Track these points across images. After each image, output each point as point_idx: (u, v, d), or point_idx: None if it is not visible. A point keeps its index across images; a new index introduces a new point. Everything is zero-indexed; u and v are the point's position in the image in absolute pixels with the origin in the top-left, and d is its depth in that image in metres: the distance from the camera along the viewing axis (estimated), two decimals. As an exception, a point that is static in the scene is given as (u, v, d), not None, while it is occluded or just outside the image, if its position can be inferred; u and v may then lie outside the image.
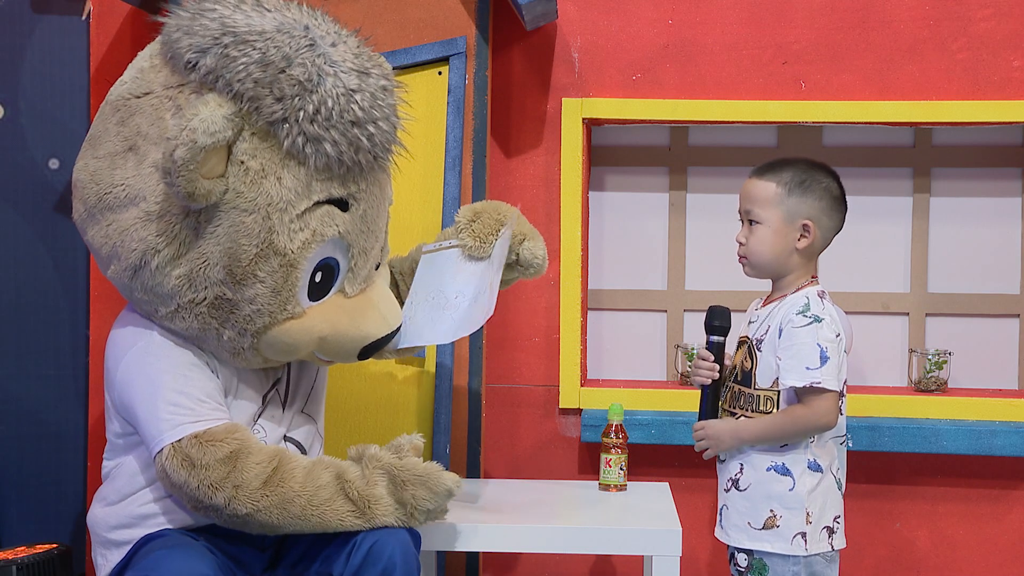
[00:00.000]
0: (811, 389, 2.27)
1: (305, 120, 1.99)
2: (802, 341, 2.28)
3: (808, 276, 2.38)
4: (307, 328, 2.11)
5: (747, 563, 2.35)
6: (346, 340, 2.14)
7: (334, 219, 2.07)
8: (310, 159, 2.01)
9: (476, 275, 2.31)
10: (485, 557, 2.89)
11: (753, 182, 2.38)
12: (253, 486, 2.01)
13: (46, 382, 2.84)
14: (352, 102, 2.02)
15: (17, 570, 2.45)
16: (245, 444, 2.04)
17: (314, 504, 2.04)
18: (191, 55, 2.00)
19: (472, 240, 2.32)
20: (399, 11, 2.78)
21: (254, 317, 2.07)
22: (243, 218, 2.01)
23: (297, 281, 2.07)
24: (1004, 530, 2.91)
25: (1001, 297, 3.05)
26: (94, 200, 2.12)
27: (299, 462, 2.06)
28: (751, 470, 2.34)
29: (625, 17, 2.94)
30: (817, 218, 2.35)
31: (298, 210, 2.03)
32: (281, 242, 2.03)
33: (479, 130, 2.78)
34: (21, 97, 2.81)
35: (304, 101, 1.98)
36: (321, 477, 2.05)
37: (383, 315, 2.18)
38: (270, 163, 2.01)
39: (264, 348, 2.11)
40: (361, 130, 2.04)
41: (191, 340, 2.13)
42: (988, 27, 2.87)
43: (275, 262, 2.04)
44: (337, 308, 2.14)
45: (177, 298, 2.07)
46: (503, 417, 2.98)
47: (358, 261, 2.14)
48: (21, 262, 2.82)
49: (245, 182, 2.00)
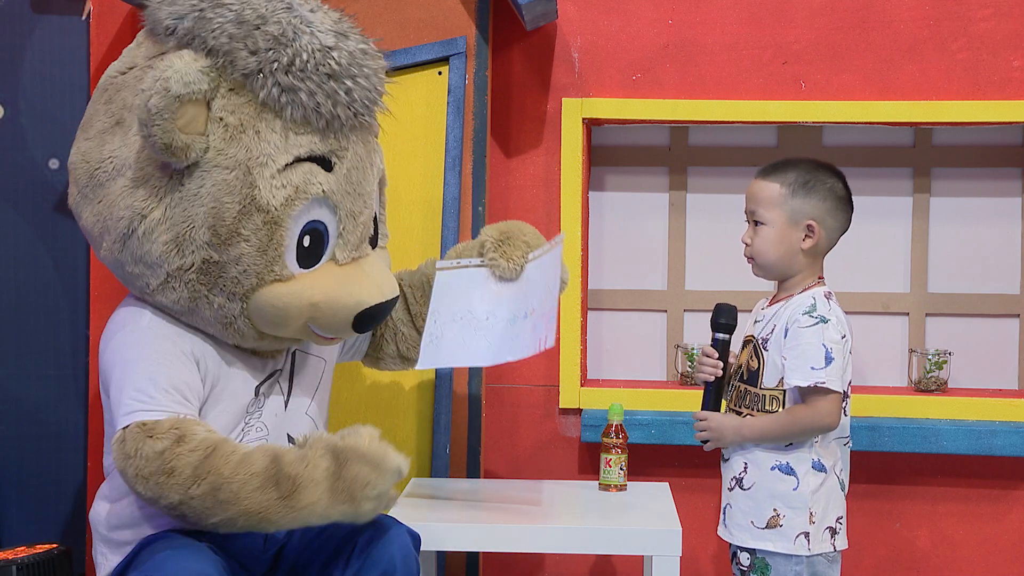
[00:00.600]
0: (815, 389, 2.27)
1: (280, 71, 2.01)
2: (807, 341, 2.28)
3: (815, 277, 2.39)
4: (296, 292, 2.08)
5: (749, 562, 2.35)
6: (339, 307, 2.11)
7: (316, 177, 2.07)
8: (286, 109, 2.03)
9: (508, 297, 2.30)
10: (485, 557, 2.89)
11: (758, 183, 2.39)
12: (185, 474, 1.94)
13: (46, 382, 2.84)
14: (328, 57, 2.04)
15: (17, 570, 2.45)
16: (185, 434, 1.97)
17: (245, 491, 1.93)
18: (170, 21, 2.05)
19: (504, 261, 2.31)
20: (399, 11, 2.78)
21: (241, 279, 2.06)
22: (224, 175, 2.02)
23: (283, 240, 2.06)
24: (1004, 530, 2.91)
25: (1001, 297, 3.05)
26: (85, 179, 2.14)
27: (237, 449, 1.98)
28: (755, 469, 2.34)
29: (625, 17, 2.94)
30: (821, 219, 2.35)
31: (278, 165, 2.04)
32: (263, 198, 2.03)
33: (479, 130, 2.78)
34: (21, 97, 2.81)
35: (278, 53, 2.01)
36: (256, 463, 1.95)
37: (377, 284, 2.15)
38: (247, 117, 2.03)
39: (255, 316, 2.09)
40: (338, 83, 2.05)
41: (184, 315, 2.12)
42: (988, 27, 2.87)
43: (258, 219, 2.03)
44: (328, 275, 2.12)
45: (165, 265, 2.06)
46: (503, 417, 2.98)
47: (346, 225, 2.12)
48: (21, 262, 2.82)
49: (224, 138, 2.02)
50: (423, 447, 2.74)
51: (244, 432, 2.17)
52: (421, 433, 2.74)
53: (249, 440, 2.17)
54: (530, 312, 2.25)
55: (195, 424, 2.01)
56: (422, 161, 2.77)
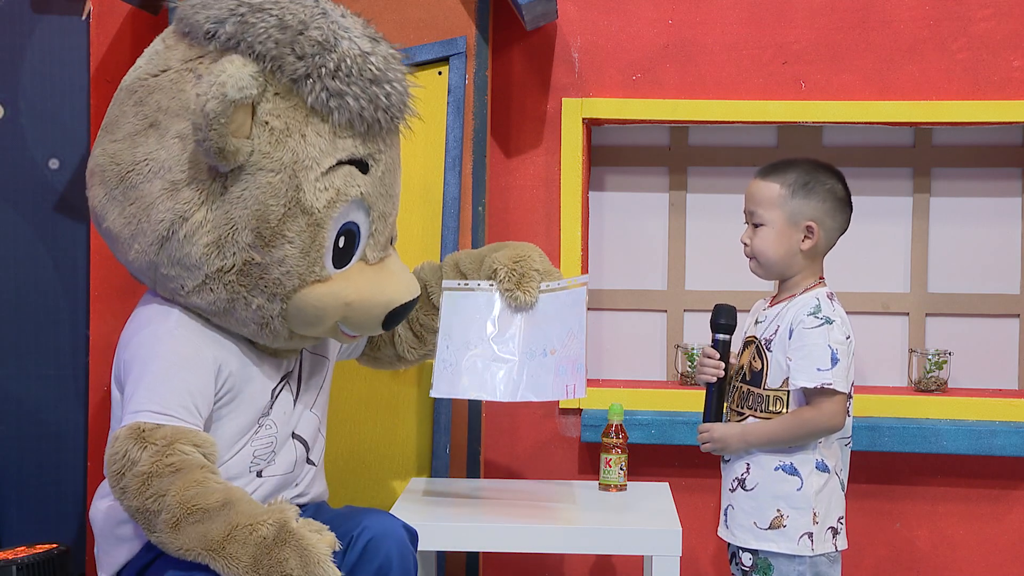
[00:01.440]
0: (821, 390, 2.27)
1: (327, 76, 2.03)
2: (813, 342, 2.28)
3: (815, 277, 2.39)
4: (334, 292, 2.12)
5: (752, 563, 2.35)
6: (372, 305, 2.15)
7: (355, 180, 2.10)
8: (334, 114, 2.06)
9: (523, 329, 2.32)
10: (485, 557, 2.89)
11: (757, 183, 2.38)
12: (150, 487, 1.94)
13: (46, 382, 2.84)
14: (368, 62, 2.07)
15: (17, 570, 2.45)
16: (173, 451, 1.97)
17: (185, 523, 1.92)
18: (210, 25, 2.05)
19: (523, 294, 2.34)
20: (399, 11, 2.78)
21: (283, 280, 2.08)
22: (269, 178, 2.04)
23: (324, 242, 2.09)
24: (1004, 530, 2.91)
25: (1001, 297, 3.05)
26: (115, 181, 2.13)
27: (205, 480, 1.96)
28: (758, 470, 2.34)
29: (625, 17, 2.94)
30: (820, 219, 2.35)
31: (323, 168, 2.06)
32: (308, 200, 2.05)
33: (479, 130, 2.78)
34: (21, 97, 2.81)
35: (324, 59, 2.03)
36: (209, 499, 1.94)
37: (405, 282, 2.21)
38: (294, 121, 2.05)
39: (292, 317, 2.11)
40: (379, 88, 2.09)
41: (217, 316, 2.12)
42: (988, 27, 2.87)
43: (303, 221, 2.06)
44: (360, 275, 2.15)
45: (205, 267, 2.07)
46: (503, 417, 2.98)
47: (378, 226, 2.16)
48: (21, 262, 2.82)
49: (270, 142, 2.04)
50: (423, 447, 2.74)
51: (256, 435, 2.18)
52: (421, 433, 2.74)
53: (259, 437, 2.17)
54: (550, 351, 2.28)
55: (187, 439, 2.00)
56: (422, 161, 2.77)
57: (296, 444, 2.24)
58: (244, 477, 2.15)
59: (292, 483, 2.24)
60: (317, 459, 2.31)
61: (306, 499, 2.28)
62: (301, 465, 2.26)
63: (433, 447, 2.71)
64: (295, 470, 2.24)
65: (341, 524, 2.09)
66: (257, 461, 2.17)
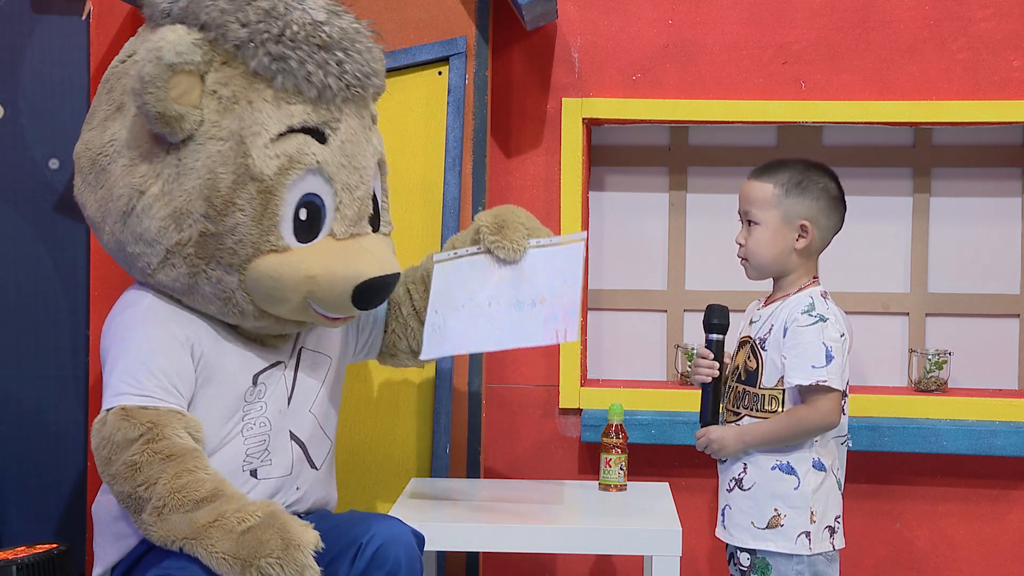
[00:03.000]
0: (816, 388, 2.27)
1: (270, 41, 2.05)
2: (808, 340, 2.29)
3: (809, 276, 2.39)
4: (293, 264, 2.09)
5: (750, 562, 2.35)
6: (338, 279, 2.10)
7: (310, 148, 2.09)
8: (276, 78, 2.06)
9: (510, 282, 2.27)
10: (485, 557, 2.89)
11: (751, 183, 2.39)
12: (141, 474, 1.97)
13: (46, 382, 2.84)
14: (319, 30, 2.08)
15: (17, 570, 2.45)
16: (159, 435, 1.99)
17: (169, 507, 1.95)
18: (165, 4, 2.10)
19: (508, 242, 2.28)
20: (399, 11, 2.78)
21: (237, 249, 2.07)
22: (219, 147, 2.06)
23: (277, 210, 2.07)
24: (1004, 530, 2.91)
25: (1001, 297, 3.05)
26: (88, 166, 2.18)
27: (197, 468, 1.98)
28: (755, 469, 2.34)
29: (625, 17, 2.94)
30: (815, 218, 2.35)
31: (271, 134, 2.06)
32: (256, 167, 2.05)
33: (479, 130, 2.78)
34: (21, 97, 2.81)
35: (269, 25, 2.05)
36: (200, 490, 1.96)
37: (377, 258, 2.14)
38: (240, 88, 2.06)
39: (252, 290, 2.09)
40: (329, 54, 2.08)
41: (186, 295, 2.13)
42: (988, 27, 2.87)
43: (252, 188, 2.06)
44: (326, 248, 2.12)
45: (164, 241, 2.09)
46: (503, 417, 2.98)
47: (343, 199, 2.12)
48: (21, 262, 2.82)
49: (218, 110, 2.06)
50: (423, 447, 2.74)
51: (244, 424, 2.16)
52: (421, 433, 2.74)
53: (251, 435, 2.16)
54: (540, 300, 2.23)
55: (175, 422, 2.02)
56: (422, 161, 2.77)
57: (293, 445, 2.22)
58: (239, 476, 2.14)
59: (292, 486, 2.22)
60: (321, 463, 2.28)
61: (307, 505, 2.26)
62: (301, 468, 2.24)
63: (433, 447, 2.71)
64: (293, 473, 2.22)
65: (349, 530, 2.09)
66: (251, 459, 2.16)
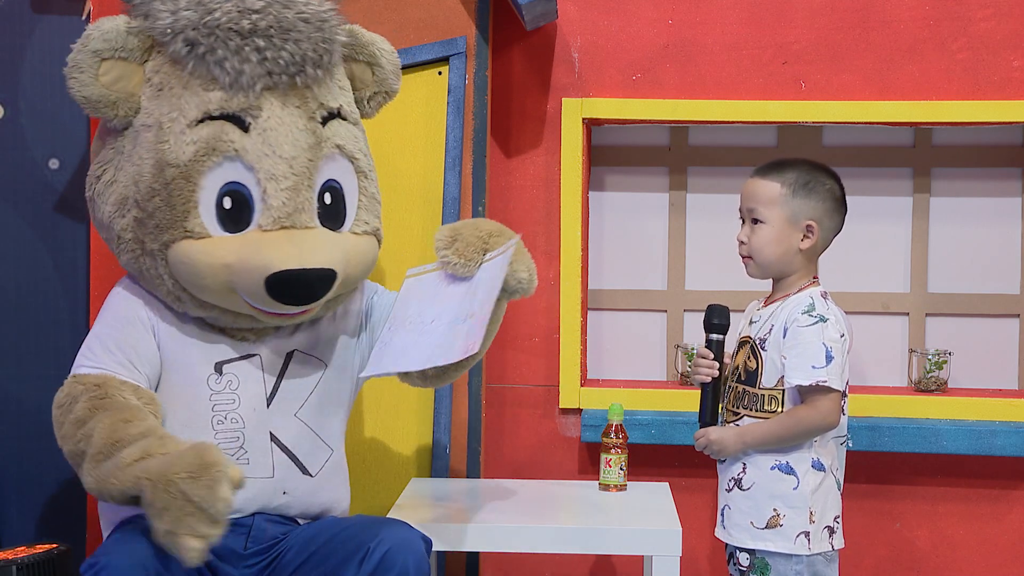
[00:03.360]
0: (816, 388, 2.27)
1: (189, 28, 2.08)
2: (808, 340, 2.29)
3: (810, 277, 2.39)
4: (207, 251, 2.09)
5: (749, 562, 2.35)
6: (250, 268, 2.08)
7: (229, 135, 2.10)
8: (189, 64, 2.09)
9: (456, 298, 2.18)
10: (485, 557, 2.89)
11: (757, 181, 2.38)
12: (79, 430, 2.02)
13: (46, 382, 2.81)
14: (245, 18, 2.08)
15: (17, 570, 2.45)
16: (106, 395, 2.05)
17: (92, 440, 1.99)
18: (127, 2, 2.15)
19: (456, 257, 2.19)
20: (399, 11, 2.78)
21: (156, 234, 2.11)
22: (146, 133, 2.12)
23: (193, 196, 2.09)
24: (1004, 530, 2.91)
25: (1001, 297, 3.05)
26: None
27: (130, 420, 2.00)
28: (754, 469, 2.34)
29: (625, 17, 2.94)
30: (820, 219, 2.36)
31: (188, 120, 2.09)
32: (172, 152, 2.08)
33: (479, 130, 2.78)
34: (21, 97, 2.80)
35: (193, 13, 2.08)
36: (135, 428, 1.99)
37: (298, 251, 2.09)
38: (167, 76, 2.11)
39: (178, 276, 2.12)
40: (248, 41, 2.08)
41: (143, 280, 2.18)
42: (988, 27, 2.87)
43: (168, 173, 2.09)
44: (248, 239, 2.11)
45: (115, 228, 2.16)
46: (503, 417, 2.98)
47: (267, 188, 2.10)
48: (21, 262, 2.81)
49: (150, 97, 2.12)
50: (423, 447, 2.74)
51: (214, 416, 2.15)
52: (421, 433, 2.74)
53: (222, 429, 2.15)
54: (470, 316, 2.13)
55: (124, 387, 2.08)
56: (422, 161, 2.77)
57: (275, 448, 2.18)
58: None
59: (277, 491, 2.19)
60: (318, 471, 2.23)
61: (299, 510, 2.23)
62: (288, 473, 2.19)
63: (433, 447, 2.71)
64: (277, 476, 2.18)
65: (357, 534, 2.08)
66: None
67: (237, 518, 2.14)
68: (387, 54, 2.35)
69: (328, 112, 2.19)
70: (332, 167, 2.20)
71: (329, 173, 2.19)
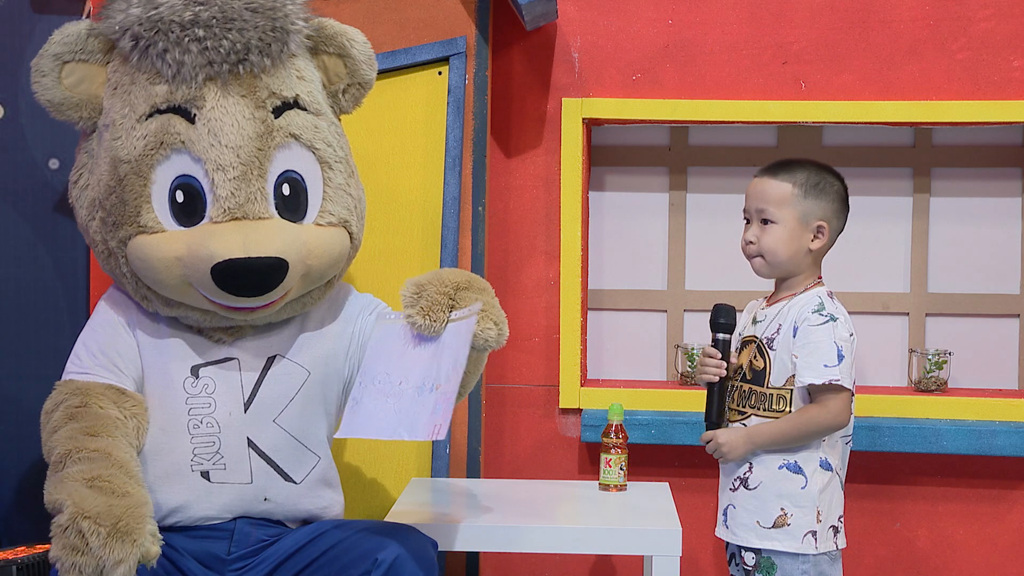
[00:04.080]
0: (827, 387, 2.26)
1: (135, 23, 2.10)
2: (819, 339, 2.28)
3: (815, 276, 2.39)
4: (160, 245, 2.10)
5: (755, 562, 2.34)
6: (196, 259, 2.07)
7: (176, 127, 2.10)
8: (134, 58, 2.11)
9: (423, 362, 2.09)
10: (485, 557, 2.89)
11: (766, 181, 2.37)
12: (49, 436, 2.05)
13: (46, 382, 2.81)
14: (188, 9, 2.10)
15: (17, 570, 2.45)
16: (86, 403, 2.07)
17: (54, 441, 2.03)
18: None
19: (421, 319, 2.10)
20: (399, 11, 2.78)
21: (114, 231, 2.13)
22: (104, 133, 2.14)
23: (144, 191, 2.10)
24: (1004, 530, 2.91)
25: (1001, 297, 3.05)
26: None
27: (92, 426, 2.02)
28: (761, 469, 2.34)
29: (625, 17, 2.94)
30: (829, 219, 2.36)
31: (137, 115, 2.11)
32: (124, 148, 2.11)
33: (479, 130, 2.78)
34: (21, 97, 2.80)
35: (141, 9, 2.10)
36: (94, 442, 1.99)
37: (244, 242, 2.07)
38: (120, 74, 2.14)
39: (138, 273, 2.13)
40: (188, 32, 2.09)
41: (115, 279, 2.21)
42: (988, 27, 2.87)
43: (121, 170, 2.11)
44: (198, 231, 2.10)
45: (90, 231, 2.18)
46: (503, 417, 2.98)
47: (215, 178, 2.09)
48: (21, 262, 2.81)
49: (109, 97, 2.15)
50: (423, 447, 2.74)
51: (190, 419, 2.13)
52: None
53: (198, 433, 2.13)
54: (436, 386, 2.05)
55: (105, 392, 2.11)
56: (422, 161, 2.77)
57: (252, 454, 2.15)
58: (188, 476, 2.11)
59: (257, 497, 2.15)
60: (302, 478, 2.19)
61: (281, 516, 2.20)
62: (268, 480, 2.16)
63: (433, 447, 2.71)
64: (256, 483, 2.15)
65: (362, 543, 2.06)
66: (200, 460, 2.12)
67: (216, 523, 2.14)
68: (358, 44, 2.29)
69: (282, 101, 2.16)
70: (288, 156, 2.16)
71: (286, 163, 2.16)
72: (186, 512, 2.12)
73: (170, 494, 2.11)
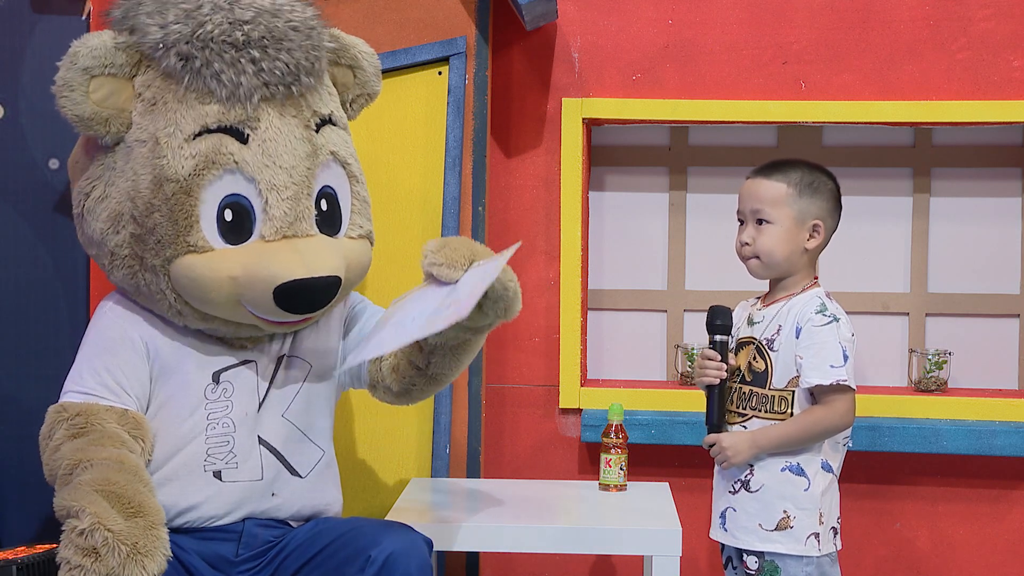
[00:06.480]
0: (833, 388, 2.26)
1: (181, 41, 2.06)
2: (824, 340, 2.28)
3: (811, 277, 2.39)
4: (212, 265, 2.08)
5: (758, 565, 2.33)
6: (257, 280, 2.07)
7: (228, 147, 2.08)
8: (184, 78, 2.07)
9: (439, 295, 2.11)
10: (485, 557, 2.89)
11: (760, 182, 2.37)
12: (55, 460, 2.03)
13: (46, 382, 2.82)
14: (237, 29, 2.07)
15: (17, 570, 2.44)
16: (88, 425, 2.05)
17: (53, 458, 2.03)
18: (114, 11, 2.13)
19: (442, 259, 2.12)
20: (399, 11, 2.78)
21: (157, 250, 2.09)
22: (140, 149, 2.09)
23: (194, 210, 2.07)
24: (1004, 530, 2.91)
25: (1001, 297, 3.05)
26: (69, 169, 2.26)
27: (99, 449, 2.00)
28: (763, 471, 2.33)
29: (625, 17, 2.94)
30: (824, 219, 2.36)
31: (186, 134, 2.07)
32: (171, 167, 2.07)
33: (479, 130, 2.78)
34: (21, 97, 2.80)
35: (184, 26, 2.06)
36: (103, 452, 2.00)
37: (304, 260, 2.08)
38: (160, 90, 2.09)
39: (181, 291, 2.10)
40: (243, 53, 2.07)
41: (137, 296, 2.17)
42: (988, 27, 2.87)
43: (168, 189, 2.07)
44: (251, 250, 2.10)
45: (108, 244, 2.13)
46: (503, 417, 2.98)
47: (269, 199, 2.09)
48: (21, 262, 2.81)
49: (142, 112, 2.10)
50: (423, 447, 2.74)
51: (208, 423, 2.14)
52: (421, 433, 2.74)
53: (213, 434, 2.14)
54: (454, 302, 2.05)
55: (108, 414, 2.07)
56: (422, 161, 2.77)
57: (263, 451, 2.17)
58: (201, 477, 2.12)
59: (266, 493, 2.17)
60: (307, 472, 2.22)
61: (289, 513, 2.21)
62: (277, 475, 2.18)
63: (433, 447, 2.71)
64: (265, 479, 2.17)
65: (357, 539, 2.06)
66: (213, 460, 2.13)
67: (225, 524, 2.14)
68: (368, 56, 2.34)
69: (321, 119, 2.19)
70: (327, 174, 2.20)
71: (325, 180, 2.19)
72: (196, 512, 2.12)
73: (181, 496, 2.11)
